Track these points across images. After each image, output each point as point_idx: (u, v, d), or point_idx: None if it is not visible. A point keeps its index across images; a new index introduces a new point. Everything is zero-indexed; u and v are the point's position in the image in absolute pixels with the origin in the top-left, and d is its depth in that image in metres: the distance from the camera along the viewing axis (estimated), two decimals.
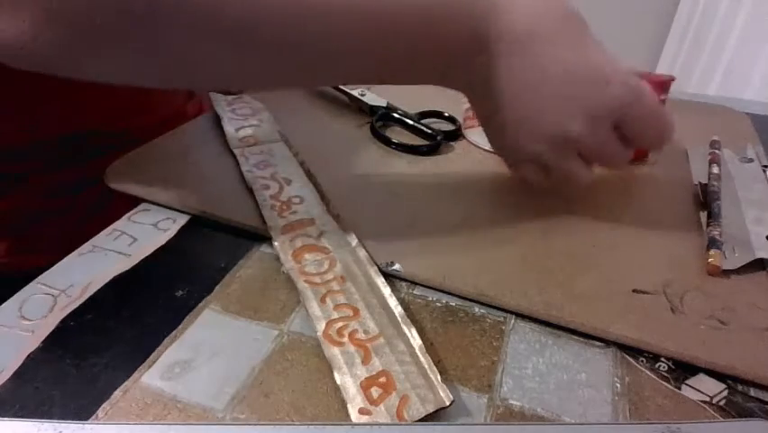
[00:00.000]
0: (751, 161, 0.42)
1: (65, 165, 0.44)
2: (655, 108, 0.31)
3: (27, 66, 0.26)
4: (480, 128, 0.43)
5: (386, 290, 0.28)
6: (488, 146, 0.43)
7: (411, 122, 0.46)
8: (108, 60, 0.27)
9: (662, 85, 0.38)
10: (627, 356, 0.26)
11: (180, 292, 0.29)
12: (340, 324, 0.26)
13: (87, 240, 0.32)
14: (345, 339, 0.25)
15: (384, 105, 0.48)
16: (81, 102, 0.44)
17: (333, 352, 0.24)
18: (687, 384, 0.24)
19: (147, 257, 0.31)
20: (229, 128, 0.44)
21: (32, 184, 0.43)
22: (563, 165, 0.32)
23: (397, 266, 0.30)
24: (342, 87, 0.50)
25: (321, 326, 0.26)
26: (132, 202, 0.36)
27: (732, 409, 0.23)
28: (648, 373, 0.25)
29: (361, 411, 0.22)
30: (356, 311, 0.27)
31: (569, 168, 0.32)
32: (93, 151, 0.44)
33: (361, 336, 0.25)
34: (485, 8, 0.29)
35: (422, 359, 0.24)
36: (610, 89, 0.29)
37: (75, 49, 0.26)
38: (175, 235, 0.33)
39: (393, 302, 0.27)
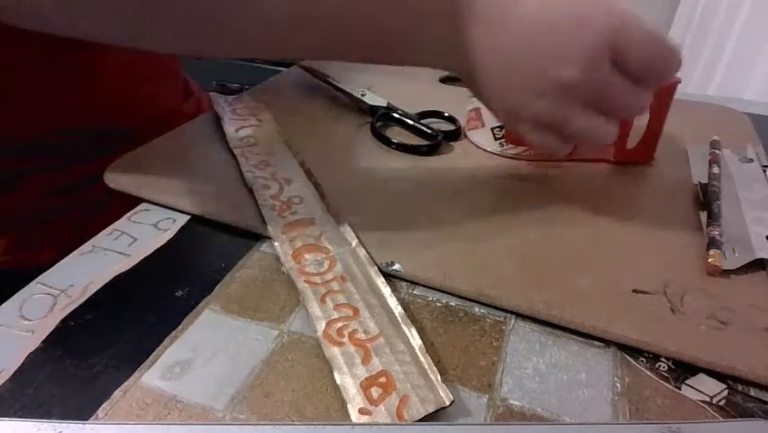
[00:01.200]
0: (751, 161, 0.42)
1: (64, 165, 0.44)
2: (647, 31, 0.28)
3: (30, 22, 0.27)
4: (483, 129, 0.43)
5: (386, 290, 0.28)
6: (490, 147, 0.43)
7: (411, 122, 0.46)
8: (101, 19, 0.27)
9: (670, 87, 0.38)
10: (627, 356, 0.26)
11: (180, 292, 0.29)
12: (340, 324, 0.26)
13: (87, 240, 0.32)
14: (345, 339, 0.25)
15: (384, 105, 0.48)
16: (78, 101, 0.44)
17: (333, 352, 0.24)
18: (687, 384, 0.24)
19: (147, 257, 0.31)
20: (229, 128, 0.44)
21: (33, 183, 0.43)
22: (573, 120, 0.29)
23: (397, 266, 0.30)
24: (342, 86, 0.50)
25: (321, 326, 0.26)
26: (132, 202, 0.36)
27: (732, 410, 0.23)
28: (648, 373, 0.25)
29: (361, 411, 0.22)
30: (356, 311, 0.27)
31: (580, 123, 0.29)
32: (91, 150, 0.44)
33: (361, 336, 0.25)
34: None
35: (422, 359, 0.24)
36: (592, 26, 0.27)
37: (68, 4, 0.26)
38: (175, 235, 0.33)
39: (393, 302, 0.27)
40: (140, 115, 0.48)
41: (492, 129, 0.42)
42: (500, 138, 0.42)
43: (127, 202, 0.36)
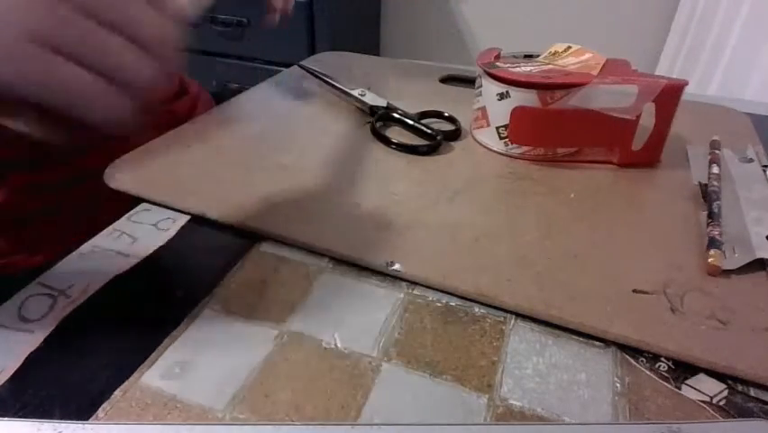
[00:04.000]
0: (751, 161, 0.42)
1: (47, 158, 0.42)
2: None
3: None
4: (488, 128, 0.43)
5: None
6: (495, 146, 0.43)
7: (411, 122, 0.46)
8: None
9: (676, 89, 0.38)
10: (627, 356, 0.26)
11: (180, 292, 0.29)
12: None
13: (87, 240, 0.32)
14: None
15: (384, 105, 0.48)
16: None
17: None
18: (687, 384, 0.24)
19: (147, 257, 0.31)
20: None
21: (21, 179, 0.42)
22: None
23: (397, 266, 0.30)
24: (342, 86, 0.50)
25: None
26: (131, 202, 0.36)
27: (732, 410, 0.23)
28: (648, 373, 0.25)
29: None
30: None
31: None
32: (81, 149, 0.43)
33: None
34: None
35: None
36: None
37: None
38: (175, 235, 0.33)
39: None
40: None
41: (497, 128, 0.42)
42: (505, 137, 0.42)
43: (127, 202, 0.36)
